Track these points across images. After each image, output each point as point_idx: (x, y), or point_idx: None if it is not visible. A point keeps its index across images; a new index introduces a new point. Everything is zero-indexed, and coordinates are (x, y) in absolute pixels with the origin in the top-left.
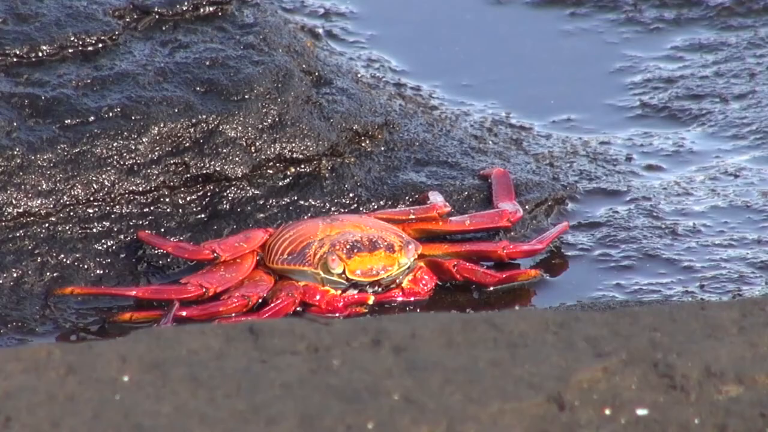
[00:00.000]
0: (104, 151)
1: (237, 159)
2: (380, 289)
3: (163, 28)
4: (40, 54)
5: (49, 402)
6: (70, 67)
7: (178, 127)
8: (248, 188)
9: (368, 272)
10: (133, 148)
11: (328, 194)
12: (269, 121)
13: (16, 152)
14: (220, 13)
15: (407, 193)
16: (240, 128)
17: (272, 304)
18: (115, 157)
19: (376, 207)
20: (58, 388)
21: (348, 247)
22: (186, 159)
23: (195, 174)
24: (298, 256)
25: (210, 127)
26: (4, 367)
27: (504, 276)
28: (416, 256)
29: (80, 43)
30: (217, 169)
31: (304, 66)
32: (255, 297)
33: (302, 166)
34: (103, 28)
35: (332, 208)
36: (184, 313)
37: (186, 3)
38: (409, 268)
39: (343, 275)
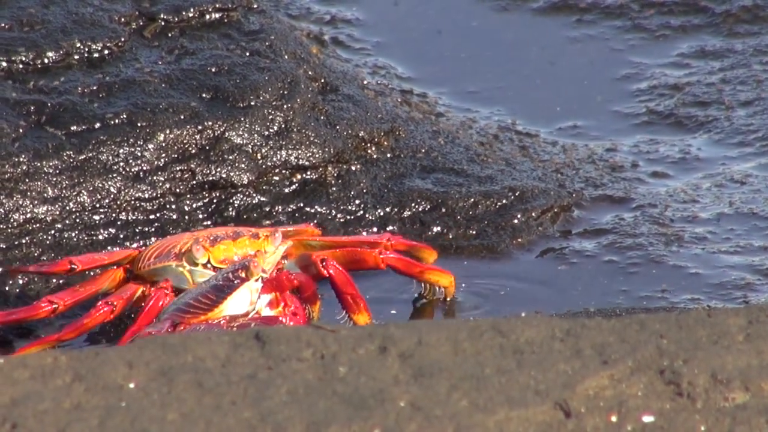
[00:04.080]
0: (110, 158)
1: (243, 166)
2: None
3: (169, 35)
4: (46, 61)
5: (56, 409)
6: (76, 74)
7: (184, 133)
8: (254, 195)
9: (233, 259)
10: (139, 154)
11: (334, 201)
12: (275, 127)
13: (22, 159)
14: (225, 20)
15: (413, 200)
16: (246, 135)
17: (143, 306)
18: (121, 164)
19: (382, 213)
20: (64, 395)
21: (212, 238)
22: (192, 166)
23: (201, 181)
24: (164, 256)
25: (216, 134)
26: (11, 373)
27: (352, 293)
28: (285, 247)
29: (86, 49)
30: (223, 176)
31: (310, 73)
32: (120, 302)
33: (308, 173)
34: (109, 35)
35: (338, 215)
36: (54, 338)
37: (192, 10)
38: (275, 257)
39: (209, 264)
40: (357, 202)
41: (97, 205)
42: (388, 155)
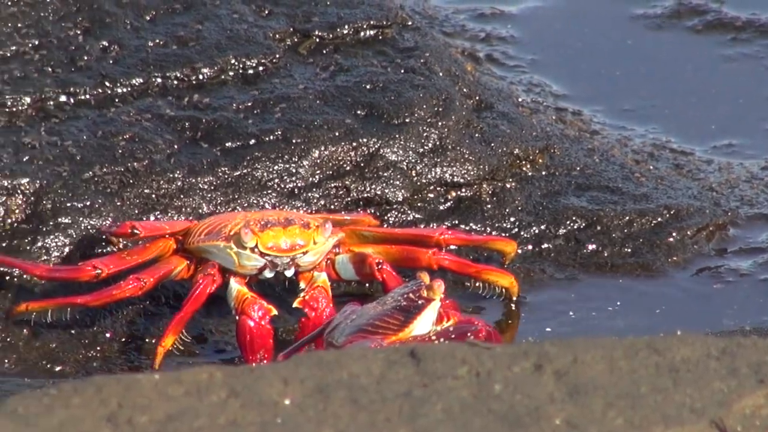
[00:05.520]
0: (265, 174)
1: (398, 183)
2: (294, 271)
3: (324, 52)
4: (201, 77)
5: (211, 425)
6: (231, 90)
7: (338, 150)
8: (409, 212)
9: (281, 246)
10: (294, 171)
11: (489, 218)
12: (430, 145)
13: (176, 175)
14: (380, 37)
15: (568, 218)
16: (401, 152)
17: (189, 293)
18: (276, 180)
19: (536, 231)
20: (219, 411)
21: (262, 223)
22: (347, 183)
23: (356, 198)
24: (214, 234)
25: (371, 151)
26: (166, 389)
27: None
28: (335, 239)
29: (241, 66)
30: (378, 192)
31: (464, 90)
32: (152, 280)
33: (463, 190)
34: (263, 51)
35: (493, 233)
36: (79, 301)
37: (347, 27)
38: (324, 248)
39: (256, 249)
40: (512, 219)
41: None
42: (543, 173)
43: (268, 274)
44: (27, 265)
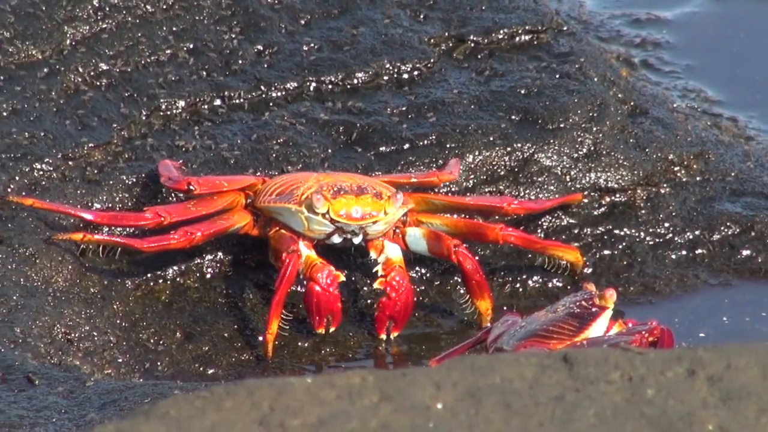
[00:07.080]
0: None
1: (552, 188)
2: (362, 239)
3: (479, 57)
4: (355, 81)
5: (363, 429)
6: (385, 95)
7: (492, 155)
8: (563, 217)
9: (352, 214)
10: None
11: (643, 224)
12: (584, 150)
13: None
14: (535, 42)
15: (722, 224)
16: (555, 157)
17: (279, 274)
18: None
19: (691, 237)
20: (371, 415)
21: (335, 189)
22: (501, 187)
23: None
24: (286, 195)
25: (525, 156)
26: (318, 393)
27: (479, 280)
28: (405, 209)
29: (395, 70)
30: (532, 197)
31: (619, 95)
32: (201, 234)
33: (617, 195)
34: (418, 56)
35: (647, 238)
36: (134, 245)
37: (502, 32)
38: (394, 218)
39: (327, 215)
40: (666, 225)
41: None
42: (698, 178)
43: (336, 239)
44: (84, 212)
